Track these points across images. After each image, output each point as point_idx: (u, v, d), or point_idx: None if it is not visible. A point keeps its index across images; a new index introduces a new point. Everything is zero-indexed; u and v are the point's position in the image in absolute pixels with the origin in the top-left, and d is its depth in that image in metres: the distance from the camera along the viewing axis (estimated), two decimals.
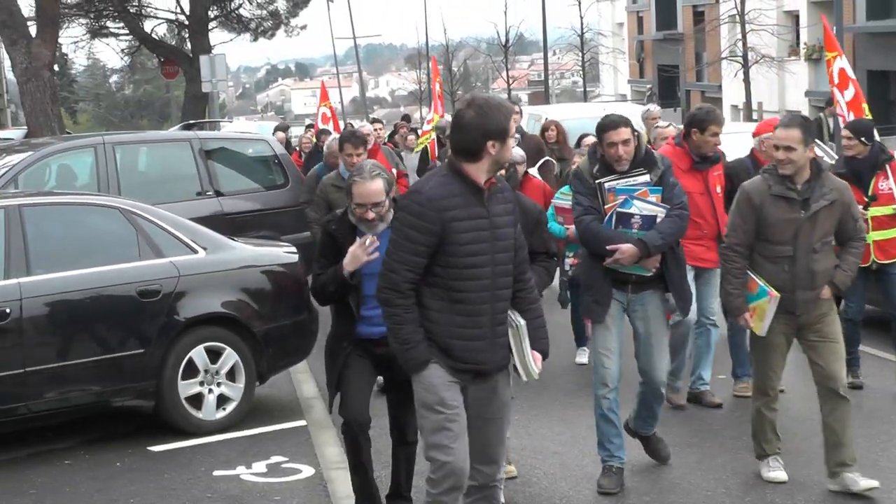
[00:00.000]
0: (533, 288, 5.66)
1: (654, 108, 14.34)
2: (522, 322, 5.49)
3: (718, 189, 8.64)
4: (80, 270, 8.36)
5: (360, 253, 6.12)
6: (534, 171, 10.64)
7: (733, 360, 9.27)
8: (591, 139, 10.96)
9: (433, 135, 17.05)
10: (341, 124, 20.84)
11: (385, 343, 5.80)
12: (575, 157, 10.05)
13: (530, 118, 20.70)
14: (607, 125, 6.97)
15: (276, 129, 22.48)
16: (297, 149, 18.22)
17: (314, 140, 18.18)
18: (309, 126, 24.51)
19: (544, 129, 13.97)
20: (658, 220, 6.89)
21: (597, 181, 6.97)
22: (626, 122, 6.98)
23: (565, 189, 9.75)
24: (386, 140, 19.63)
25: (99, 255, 8.56)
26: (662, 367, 7.20)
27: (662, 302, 7.14)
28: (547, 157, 12.90)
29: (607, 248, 6.88)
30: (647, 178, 6.94)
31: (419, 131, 19.86)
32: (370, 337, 6.21)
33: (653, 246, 6.86)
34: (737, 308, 7.02)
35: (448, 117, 15.59)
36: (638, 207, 6.89)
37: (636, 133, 7.05)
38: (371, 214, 6.13)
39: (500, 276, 5.36)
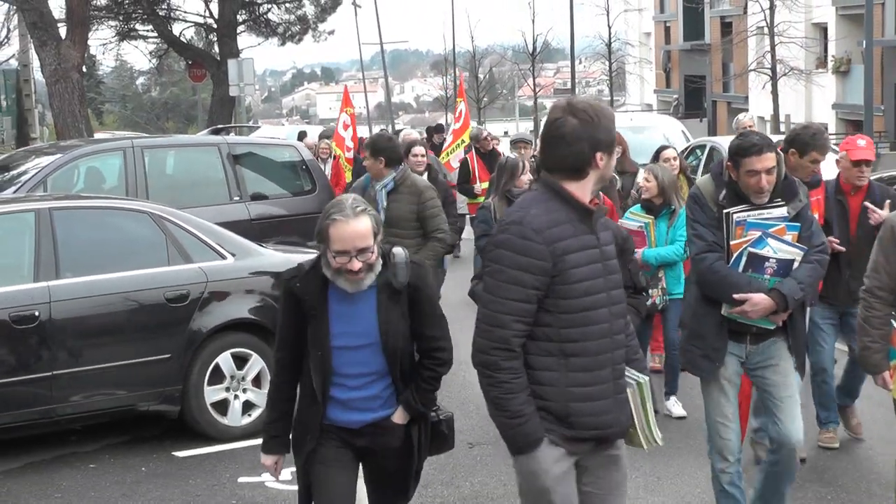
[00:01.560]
0: (634, 334, 4.71)
1: (745, 117, 12.94)
2: (645, 378, 4.53)
3: (816, 216, 6.85)
4: (108, 274, 8.37)
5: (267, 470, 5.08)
6: None
7: (817, 404, 8.07)
8: (671, 152, 10.16)
9: (460, 148, 16.49)
10: (359, 133, 20.33)
11: (368, 432, 4.83)
12: (642, 174, 9.11)
13: None
14: (749, 149, 5.62)
15: (321, 136, 21.12)
16: (315, 154, 17.67)
17: (332, 148, 17.91)
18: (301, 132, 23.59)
19: None
20: (794, 265, 5.70)
21: (724, 210, 5.72)
22: (771, 146, 5.69)
23: (635, 209, 9.06)
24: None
25: (128, 259, 8.57)
26: (799, 425, 5.85)
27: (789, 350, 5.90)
28: None
29: (734, 296, 5.68)
30: (783, 210, 5.70)
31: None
32: (348, 426, 4.84)
33: (792, 300, 5.65)
34: (875, 365, 5.77)
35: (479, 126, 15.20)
36: (773, 248, 5.66)
37: (779, 157, 5.79)
38: (357, 264, 4.63)
39: (617, 317, 4.40)
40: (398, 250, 4.84)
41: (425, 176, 10.41)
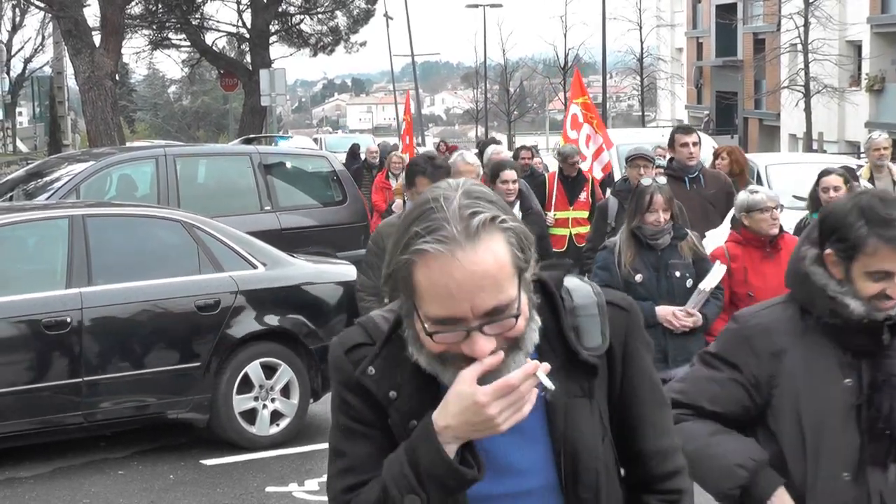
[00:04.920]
0: None
1: (881, 135, 11.09)
2: None
3: None
4: (140, 282, 8.40)
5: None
6: (726, 228, 7.64)
7: None
8: (834, 179, 7.86)
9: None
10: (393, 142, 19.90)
11: None
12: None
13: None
14: None
15: (388, 149, 20.66)
16: (386, 167, 17.01)
17: (405, 160, 17.37)
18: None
19: (715, 157, 10.63)
20: None
21: None
22: None
23: None
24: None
25: (159, 267, 8.60)
26: None
27: None
28: None
29: None
30: None
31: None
32: None
33: None
34: None
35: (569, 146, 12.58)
36: None
37: None
38: (484, 345, 2.12)
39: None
40: (574, 282, 2.38)
41: (516, 208, 8.56)
